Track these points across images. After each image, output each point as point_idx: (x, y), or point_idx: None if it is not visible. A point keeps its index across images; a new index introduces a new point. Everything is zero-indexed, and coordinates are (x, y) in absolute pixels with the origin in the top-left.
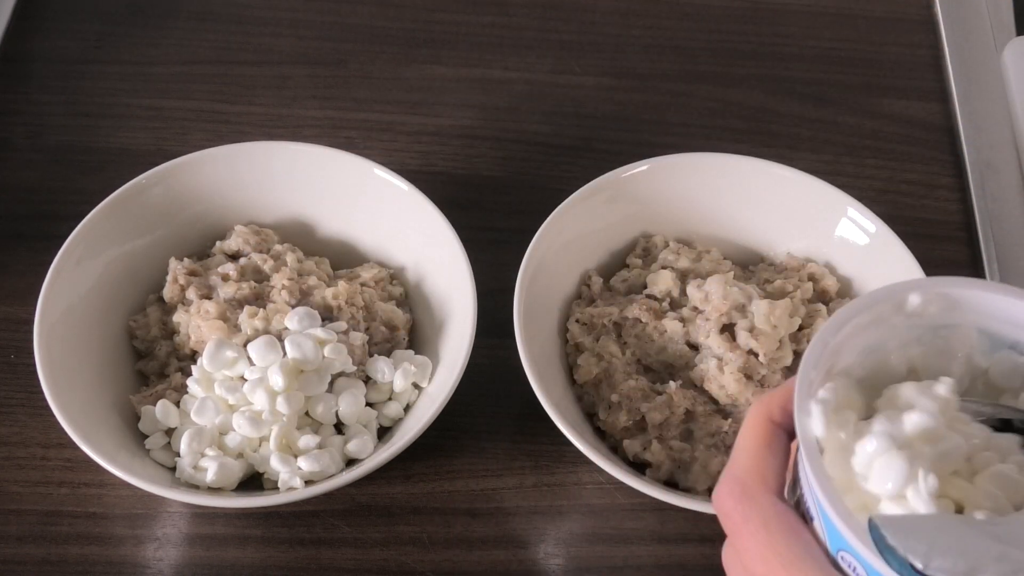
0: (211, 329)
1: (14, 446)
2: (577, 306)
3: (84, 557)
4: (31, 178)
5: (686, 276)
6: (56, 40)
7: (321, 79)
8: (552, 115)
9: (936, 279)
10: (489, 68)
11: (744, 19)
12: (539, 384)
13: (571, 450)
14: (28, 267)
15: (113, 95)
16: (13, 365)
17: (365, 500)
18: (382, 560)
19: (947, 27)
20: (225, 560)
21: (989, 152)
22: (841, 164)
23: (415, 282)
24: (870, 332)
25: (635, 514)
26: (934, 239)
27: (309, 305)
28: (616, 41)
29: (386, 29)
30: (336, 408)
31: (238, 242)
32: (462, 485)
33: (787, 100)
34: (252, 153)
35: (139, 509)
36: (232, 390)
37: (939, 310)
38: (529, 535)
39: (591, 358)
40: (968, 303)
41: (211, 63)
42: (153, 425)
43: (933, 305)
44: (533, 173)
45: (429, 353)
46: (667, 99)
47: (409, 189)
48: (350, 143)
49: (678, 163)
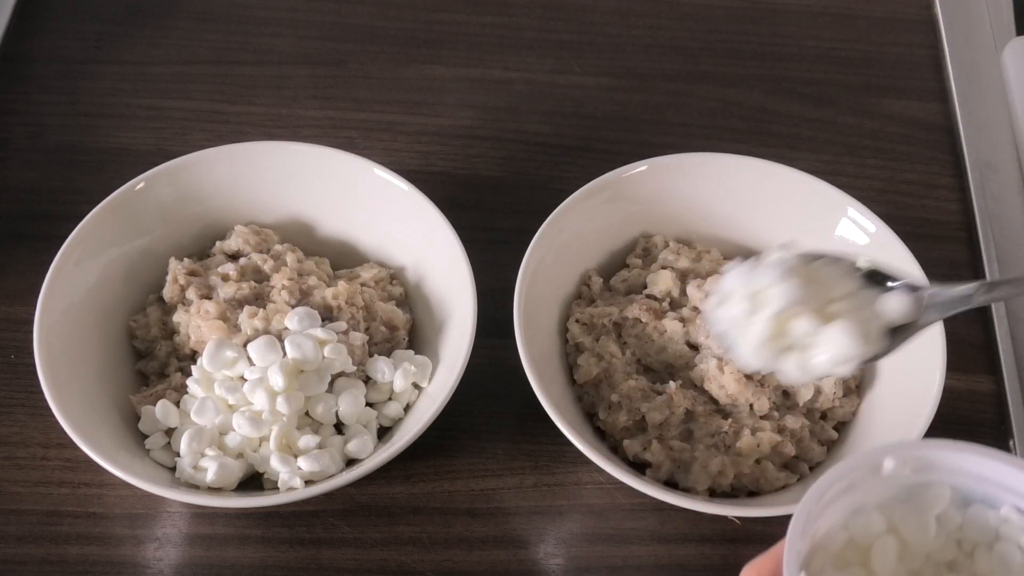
0: (211, 329)
1: (14, 446)
2: (577, 306)
3: (84, 557)
4: (31, 178)
5: (686, 276)
6: (56, 40)
7: (321, 79)
8: (552, 115)
9: (909, 443)
10: (489, 68)
11: (744, 19)
12: (539, 384)
13: (571, 450)
14: (28, 267)
15: (113, 95)
16: (13, 365)
17: (365, 500)
18: (382, 560)
19: (947, 27)
20: (225, 560)
21: (989, 152)
22: (841, 164)
23: (415, 282)
24: (850, 495)
25: (635, 514)
26: (934, 239)
27: (309, 305)
28: (616, 41)
29: (386, 29)
30: (336, 408)
31: (238, 242)
32: (462, 485)
33: (787, 100)
34: (252, 153)
35: (139, 509)
36: (232, 390)
37: (913, 471)
38: (529, 535)
39: (591, 358)
40: (940, 463)
41: (211, 63)
42: (153, 425)
43: (907, 467)
44: (533, 173)
45: (429, 353)
46: (667, 99)
47: (409, 189)
48: (350, 143)
49: (678, 163)
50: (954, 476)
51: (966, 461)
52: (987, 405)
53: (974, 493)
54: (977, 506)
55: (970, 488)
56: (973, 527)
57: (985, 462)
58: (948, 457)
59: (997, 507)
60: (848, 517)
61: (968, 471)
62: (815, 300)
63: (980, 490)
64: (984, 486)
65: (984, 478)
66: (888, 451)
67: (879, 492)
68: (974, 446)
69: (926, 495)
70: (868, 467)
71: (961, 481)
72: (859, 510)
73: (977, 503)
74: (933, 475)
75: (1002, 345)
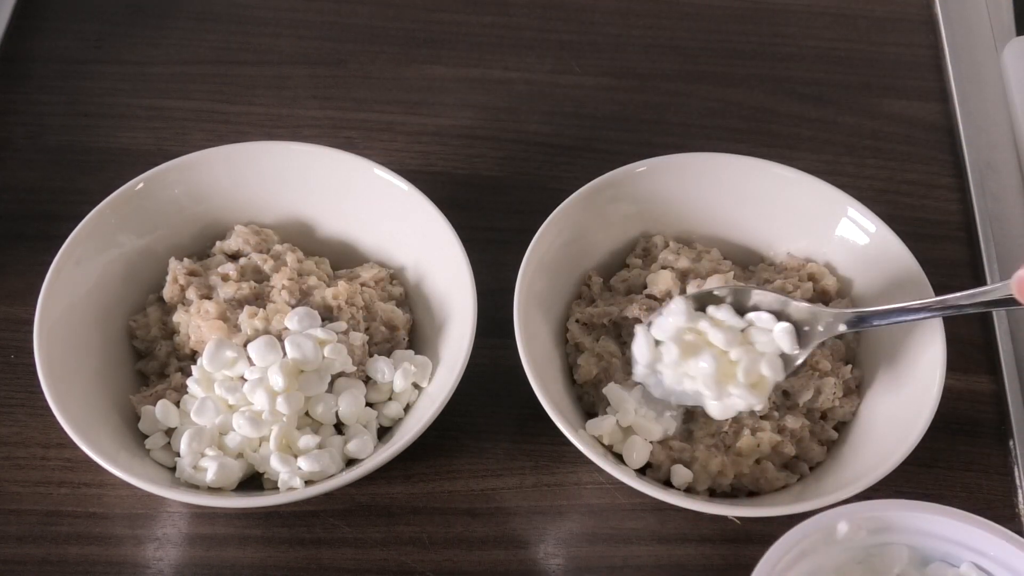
0: (211, 329)
1: (14, 446)
2: (577, 306)
3: (84, 557)
4: (31, 178)
5: (686, 276)
6: (56, 40)
7: (321, 79)
8: (552, 115)
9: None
10: (489, 68)
11: (744, 19)
12: (539, 384)
13: (571, 450)
14: (28, 267)
15: (113, 95)
16: (13, 365)
17: (365, 500)
18: (382, 560)
19: (947, 27)
20: (225, 560)
21: (989, 152)
22: (841, 164)
23: (415, 282)
24: (806, 561)
25: (635, 514)
26: (934, 239)
27: (309, 305)
28: (616, 41)
29: (386, 29)
30: (336, 408)
31: (238, 242)
32: (462, 485)
33: (787, 100)
34: (252, 153)
35: (139, 509)
36: (232, 390)
37: (869, 532)
38: (529, 535)
39: (591, 358)
40: (896, 523)
41: (211, 63)
42: (153, 425)
43: (863, 529)
44: (533, 173)
45: (429, 353)
46: (667, 99)
47: (409, 189)
48: (350, 143)
49: (678, 163)
50: (912, 536)
51: (922, 520)
52: (987, 405)
53: (933, 552)
54: (936, 564)
55: (928, 547)
56: None
57: (942, 520)
58: (905, 517)
59: (956, 564)
60: None
61: (925, 530)
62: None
63: (938, 548)
64: (942, 544)
65: (942, 536)
66: (842, 515)
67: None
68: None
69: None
70: (822, 532)
71: (919, 541)
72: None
73: (936, 561)
74: (890, 536)
75: (1002, 345)
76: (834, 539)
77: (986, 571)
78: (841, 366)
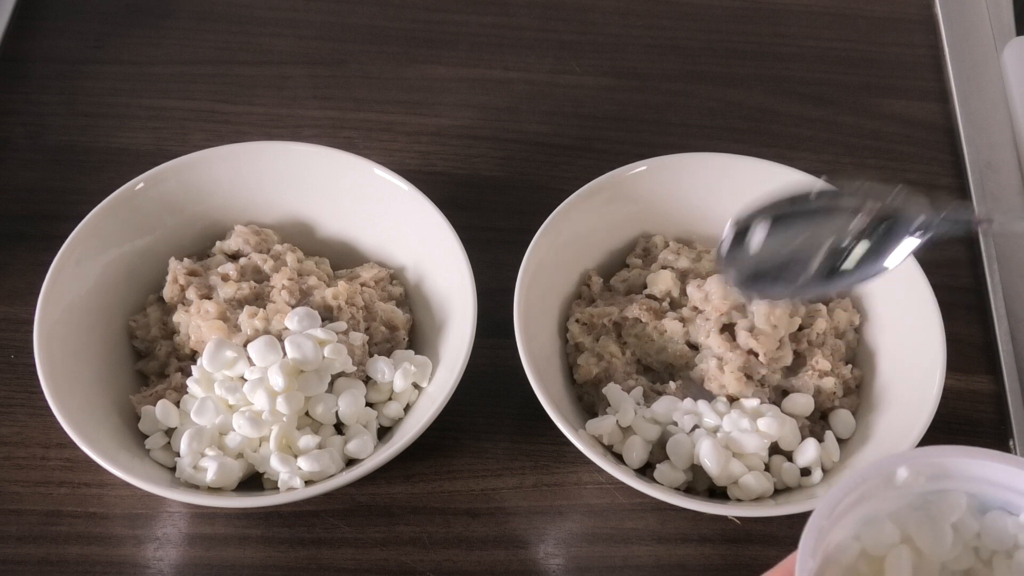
0: (211, 329)
1: (14, 446)
2: (577, 306)
3: (84, 557)
4: (31, 178)
5: (686, 276)
6: (56, 40)
7: (321, 79)
8: (552, 115)
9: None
10: (489, 68)
11: (744, 19)
12: (539, 384)
13: (571, 450)
14: (28, 267)
15: (113, 95)
16: (13, 365)
17: (365, 500)
18: (382, 560)
19: (947, 27)
20: (225, 560)
21: (989, 152)
22: (841, 164)
23: (415, 282)
24: (862, 506)
25: (635, 514)
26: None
27: (309, 305)
28: (616, 41)
29: (386, 29)
30: (336, 408)
31: (238, 242)
32: (462, 485)
33: (787, 100)
34: (252, 153)
35: (139, 509)
36: (232, 390)
37: (927, 479)
38: (529, 535)
39: (591, 358)
40: (956, 470)
41: (211, 63)
42: (153, 425)
43: (921, 476)
44: (533, 173)
45: (429, 353)
46: (667, 99)
47: (409, 189)
48: (350, 143)
49: (678, 163)
50: (970, 483)
51: (983, 468)
52: (987, 405)
53: (991, 500)
54: (995, 513)
55: (987, 495)
56: (991, 535)
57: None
58: (964, 464)
59: (1016, 514)
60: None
61: (985, 478)
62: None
63: (998, 497)
64: (1002, 492)
65: (1002, 484)
66: (902, 459)
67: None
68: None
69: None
70: (881, 477)
71: (978, 488)
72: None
73: (995, 510)
74: (949, 483)
75: (1002, 345)
76: (893, 484)
77: None
78: (841, 366)
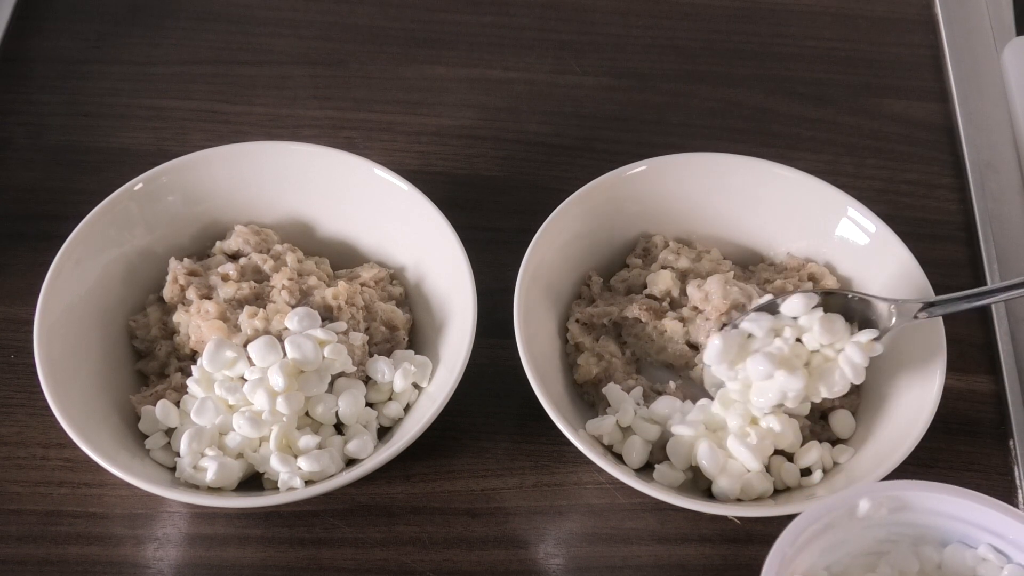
0: (211, 329)
1: (14, 446)
2: (577, 306)
3: (84, 557)
4: (31, 178)
5: (686, 276)
6: (56, 40)
7: (321, 79)
8: (552, 115)
9: (884, 484)
10: (489, 68)
11: (744, 19)
12: (539, 384)
13: (571, 450)
14: (28, 267)
15: (113, 95)
16: (13, 365)
17: (365, 500)
18: (382, 560)
19: (947, 27)
20: (225, 560)
21: (989, 152)
22: (841, 164)
23: (415, 282)
24: (826, 535)
25: (635, 514)
26: (934, 239)
27: (309, 305)
28: (616, 41)
29: (386, 29)
30: (336, 408)
31: (238, 242)
32: (462, 485)
33: (787, 100)
34: (252, 153)
35: (139, 509)
36: (232, 390)
37: (889, 511)
38: (529, 535)
39: (591, 358)
40: (916, 503)
41: (211, 63)
42: (153, 425)
43: (883, 507)
44: (533, 173)
45: (429, 353)
46: (667, 99)
47: (409, 189)
48: (350, 143)
49: (678, 163)
50: (930, 516)
51: (942, 502)
52: (987, 405)
53: (951, 533)
54: (954, 546)
55: (946, 528)
56: (951, 567)
57: (961, 502)
58: (924, 498)
59: (974, 547)
60: (826, 555)
61: (944, 511)
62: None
63: (957, 530)
64: (961, 526)
65: (960, 518)
66: (864, 491)
67: (856, 533)
68: (949, 487)
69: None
70: (844, 508)
71: (938, 521)
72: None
73: (954, 543)
74: (909, 515)
75: (1002, 345)
76: (855, 515)
77: (1004, 553)
78: None
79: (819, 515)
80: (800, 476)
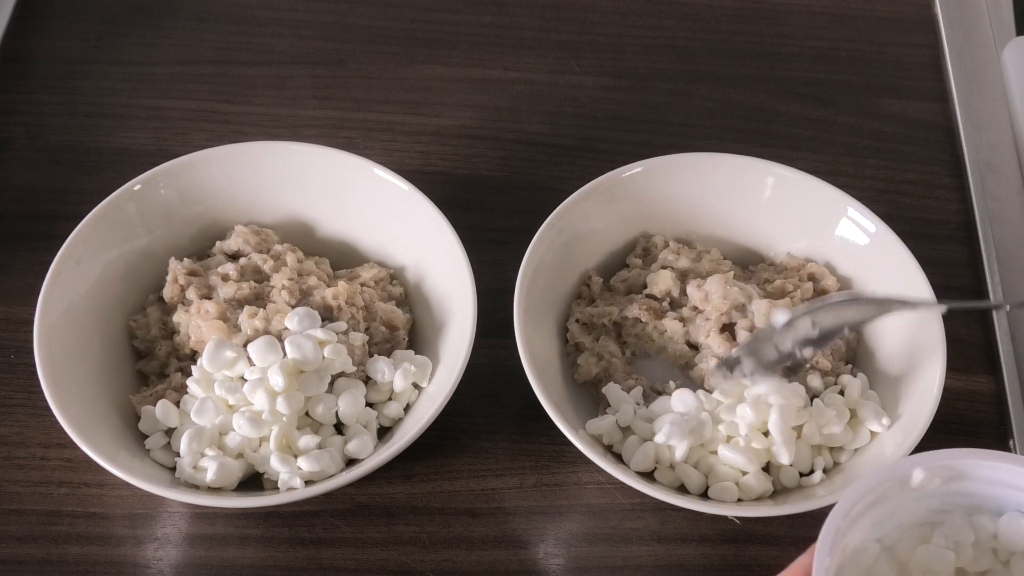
0: (211, 329)
1: (14, 446)
2: (577, 306)
3: (84, 557)
4: (31, 178)
5: (686, 276)
6: (56, 40)
7: (321, 79)
8: (552, 115)
9: (938, 453)
10: (489, 68)
11: (744, 19)
12: (539, 384)
13: (571, 450)
14: (28, 267)
15: (113, 95)
16: (13, 365)
17: (365, 500)
18: (382, 560)
19: (947, 27)
20: (225, 560)
21: (989, 152)
22: (841, 164)
23: (415, 282)
24: (878, 508)
25: (635, 514)
26: (934, 239)
27: (309, 305)
28: (616, 41)
29: (386, 29)
30: (336, 408)
31: (238, 242)
32: (462, 485)
33: (787, 100)
34: (252, 153)
35: (139, 509)
36: (232, 390)
37: (942, 481)
38: (529, 535)
39: (591, 358)
40: (970, 472)
41: (211, 63)
42: (153, 425)
43: (936, 477)
44: (533, 173)
45: (429, 353)
46: (667, 99)
47: (409, 189)
48: (350, 143)
49: (677, 163)
50: (985, 485)
51: (997, 470)
52: (987, 405)
53: (1006, 502)
54: (1011, 515)
55: (1002, 497)
56: (1007, 536)
57: (1017, 470)
58: (978, 466)
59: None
60: (878, 528)
61: (999, 480)
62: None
63: (1013, 498)
64: (1017, 494)
65: (1016, 486)
66: (917, 462)
67: (909, 504)
68: (1004, 454)
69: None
70: (897, 479)
71: (993, 490)
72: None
73: (1011, 512)
74: (963, 485)
75: (1002, 345)
76: (908, 486)
77: None
78: (841, 366)
79: (871, 487)
80: (799, 477)
